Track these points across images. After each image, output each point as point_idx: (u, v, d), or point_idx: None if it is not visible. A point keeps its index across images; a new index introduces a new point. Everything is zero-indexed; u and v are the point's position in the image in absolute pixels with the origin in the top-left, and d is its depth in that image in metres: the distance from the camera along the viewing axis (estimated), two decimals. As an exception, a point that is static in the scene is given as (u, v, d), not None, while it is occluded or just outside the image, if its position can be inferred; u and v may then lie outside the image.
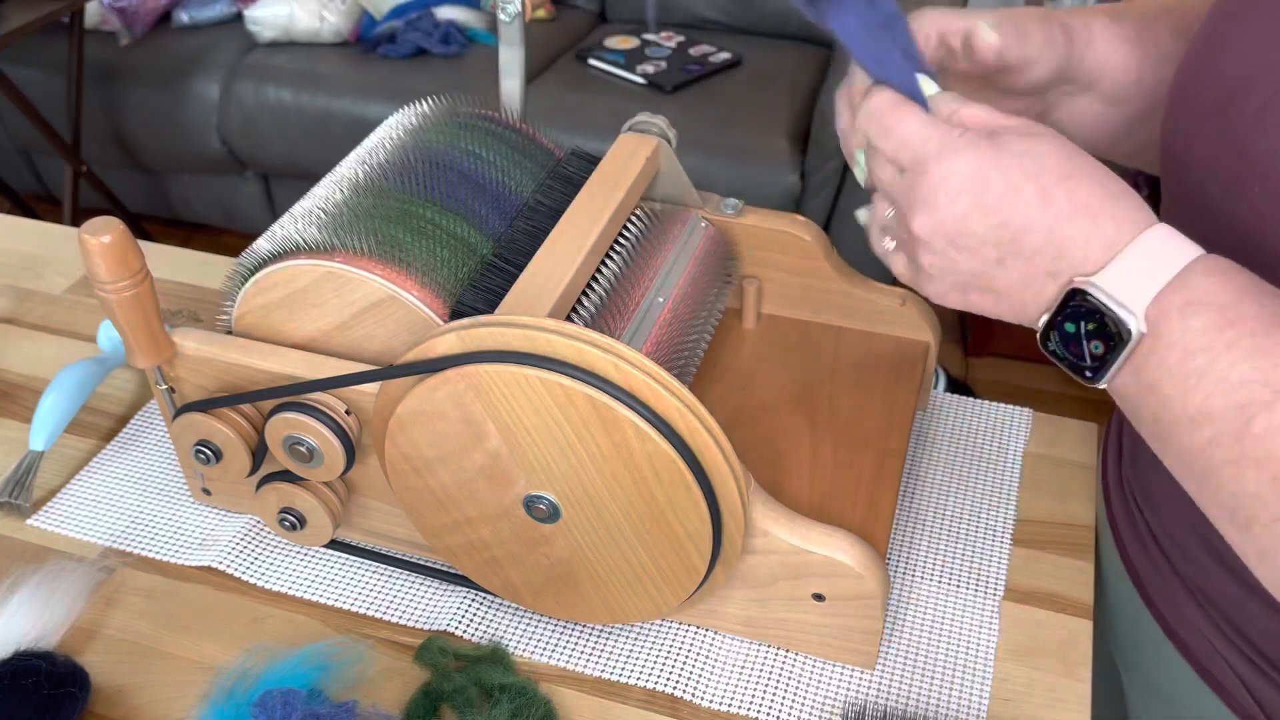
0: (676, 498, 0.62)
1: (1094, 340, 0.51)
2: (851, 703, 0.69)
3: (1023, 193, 0.51)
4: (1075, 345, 0.51)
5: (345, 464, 0.70)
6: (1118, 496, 0.78)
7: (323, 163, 2.31)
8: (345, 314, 0.71)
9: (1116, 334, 0.50)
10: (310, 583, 0.77)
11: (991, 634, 0.73)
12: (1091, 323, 0.50)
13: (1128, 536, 0.76)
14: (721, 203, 0.86)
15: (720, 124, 2.25)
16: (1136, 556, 0.74)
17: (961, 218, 0.52)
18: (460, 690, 0.68)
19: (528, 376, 0.60)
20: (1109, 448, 0.82)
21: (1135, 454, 0.75)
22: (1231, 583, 0.64)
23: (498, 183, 0.78)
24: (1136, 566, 0.75)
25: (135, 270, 0.67)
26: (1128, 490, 0.76)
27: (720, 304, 0.84)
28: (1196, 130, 0.58)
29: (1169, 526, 0.70)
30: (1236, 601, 0.64)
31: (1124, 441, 0.78)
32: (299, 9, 2.49)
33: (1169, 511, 0.70)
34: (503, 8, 0.82)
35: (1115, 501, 0.78)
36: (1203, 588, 0.67)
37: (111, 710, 0.69)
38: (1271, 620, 0.63)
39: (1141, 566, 0.74)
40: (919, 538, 0.80)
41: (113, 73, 2.53)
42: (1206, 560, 0.66)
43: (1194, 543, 0.67)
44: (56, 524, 0.81)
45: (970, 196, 0.52)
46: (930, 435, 0.88)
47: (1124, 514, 0.76)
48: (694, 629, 0.74)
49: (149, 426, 0.90)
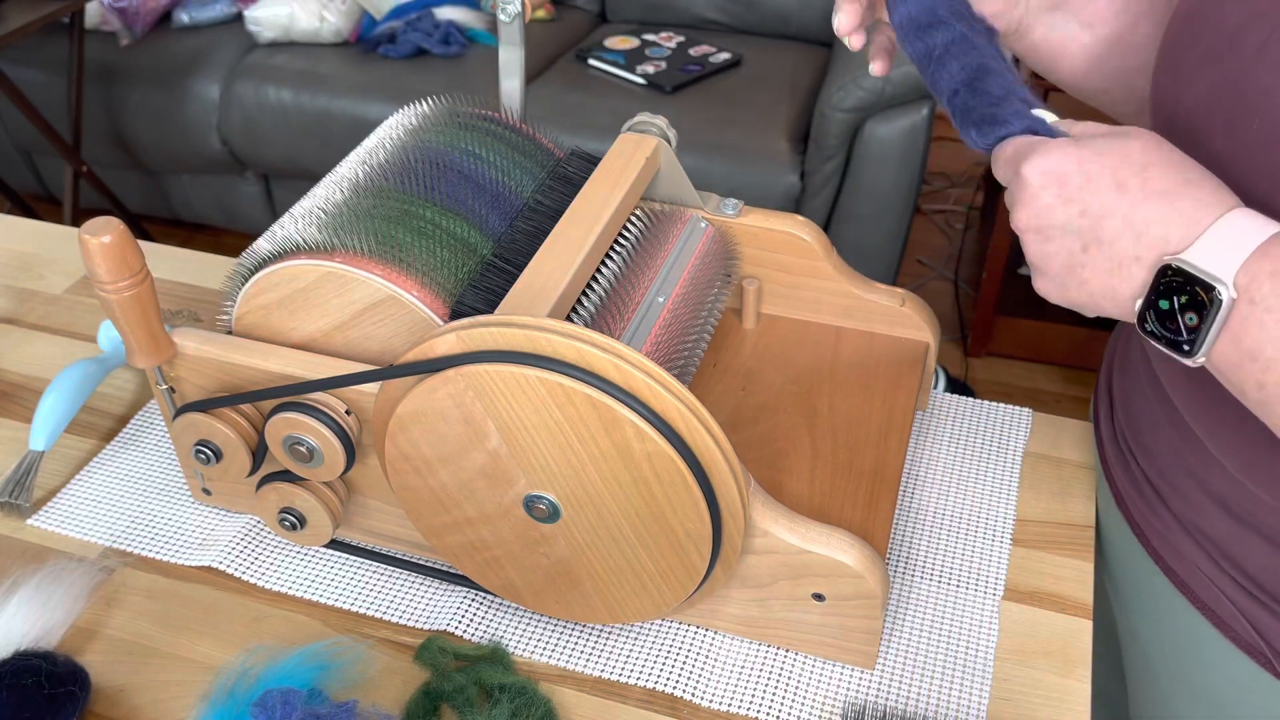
0: (676, 498, 0.62)
1: (1188, 312, 0.52)
2: (851, 703, 0.69)
3: (1098, 182, 0.53)
4: (1172, 321, 0.53)
5: (345, 464, 0.70)
6: (1111, 445, 0.79)
7: (323, 163, 2.33)
8: (345, 314, 0.71)
9: (1208, 302, 0.51)
10: (310, 583, 0.77)
11: (991, 634, 0.73)
12: (1184, 295, 0.52)
13: (1122, 483, 0.77)
14: (721, 203, 0.86)
15: (720, 124, 2.25)
16: (1132, 500, 0.76)
17: (1047, 209, 0.55)
18: (460, 690, 0.68)
19: (528, 376, 0.60)
20: (1099, 399, 0.83)
21: (1127, 403, 0.76)
22: (1228, 519, 0.66)
23: (498, 183, 0.78)
24: (1132, 510, 0.76)
25: (135, 270, 0.67)
26: (1120, 439, 0.77)
27: (720, 304, 0.84)
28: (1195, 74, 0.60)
29: (1164, 470, 0.71)
30: (1234, 537, 0.66)
31: (1114, 392, 0.79)
32: (299, 9, 2.49)
33: (1164, 457, 0.71)
34: (503, 8, 0.82)
35: (1109, 452, 0.79)
36: (1200, 526, 0.68)
37: (111, 710, 0.69)
38: (1270, 554, 0.64)
39: (1137, 510, 0.75)
40: (919, 538, 0.80)
41: (113, 73, 2.53)
42: (1202, 499, 0.67)
43: (1190, 484, 0.68)
44: (56, 524, 0.81)
45: (1053, 189, 0.55)
46: (930, 435, 0.88)
47: (1118, 462, 0.78)
48: (694, 629, 0.74)
49: (149, 426, 0.90)
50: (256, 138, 2.47)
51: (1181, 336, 0.53)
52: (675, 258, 0.80)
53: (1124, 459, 0.77)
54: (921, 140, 2.12)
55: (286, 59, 2.49)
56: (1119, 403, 0.78)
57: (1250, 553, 0.65)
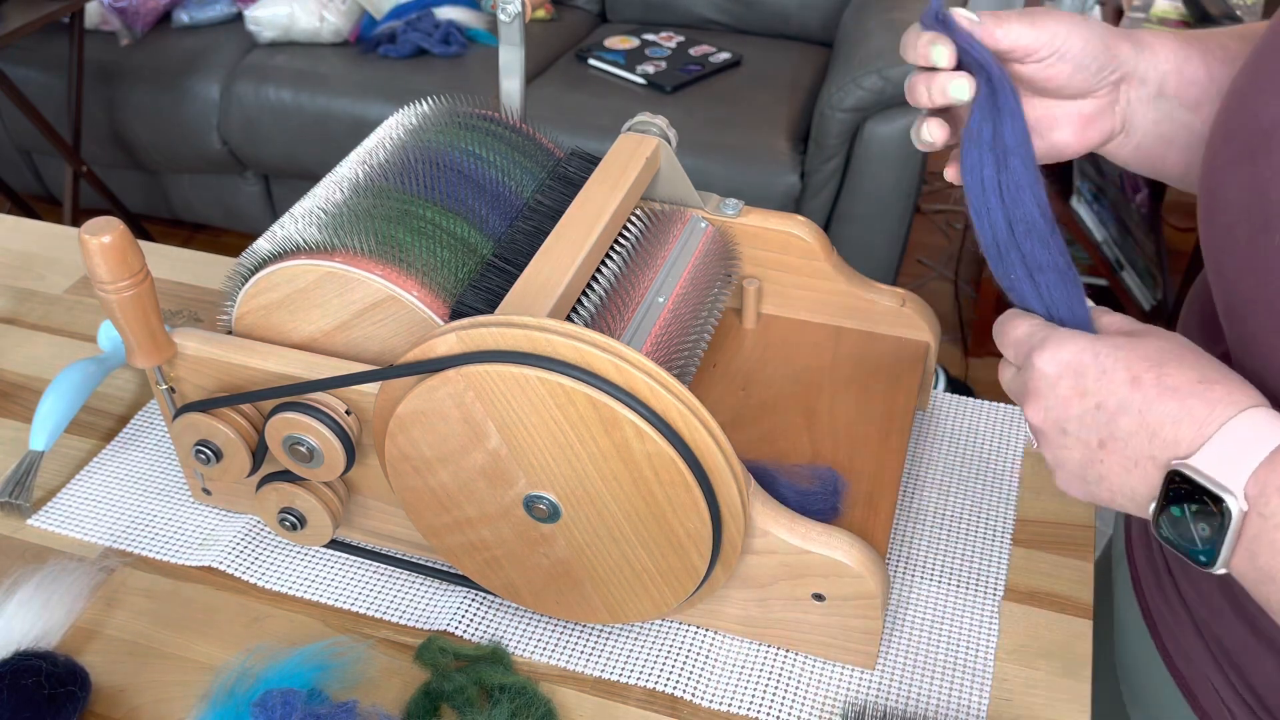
0: (676, 498, 0.62)
1: (1199, 523, 0.50)
2: (851, 703, 0.69)
3: (1114, 377, 0.52)
4: (1185, 530, 0.51)
5: (345, 464, 0.70)
6: (1137, 529, 0.77)
7: (323, 163, 2.33)
8: (345, 314, 0.71)
9: (1219, 514, 0.49)
10: (310, 583, 0.77)
11: (991, 634, 0.73)
12: (1194, 504, 0.49)
13: (1143, 569, 0.75)
14: (721, 203, 0.86)
15: (720, 124, 2.25)
16: (1149, 589, 0.74)
17: (1063, 403, 0.54)
18: (460, 690, 0.68)
19: (528, 376, 0.60)
20: None
21: None
22: (1241, 626, 0.63)
23: (498, 183, 0.78)
24: (1148, 600, 0.74)
25: (135, 270, 0.67)
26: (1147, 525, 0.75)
27: (720, 304, 0.84)
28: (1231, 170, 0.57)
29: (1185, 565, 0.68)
30: (1246, 648, 0.64)
31: None
32: (299, 9, 2.49)
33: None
34: (503, 8, 0.82)
35: (1134, 534, 0.77)
36: (1213, 630, 0.66)
37: (112, 710, 0.69)
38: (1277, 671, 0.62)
39: (1153, 601, 0.73)
40: (919, 538, 0.80)
41: (113, 73, 2.53)
42: (1222, 604, 0.65)
43: (1209, 585, 0.66)
44: (56, 524, 0.81)
45: (1068, 382, 0.53)
46: (930, 435, 0.88)
47: (1142, 547, 0.76)
48: (694, 629, 0.74)
49: (149, 426, 0.90)
50: (256, 138, 2.47)
51: (1196, 546, 0.50)
52: (675, 258, 0.80)
53: (1148, 545, 0.74)
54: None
55: (286, 59, 2.49)
56: None
57: (1259, 667, 0.63)
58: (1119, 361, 0.52)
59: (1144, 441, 0.51)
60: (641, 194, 0.81)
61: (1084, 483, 0.56)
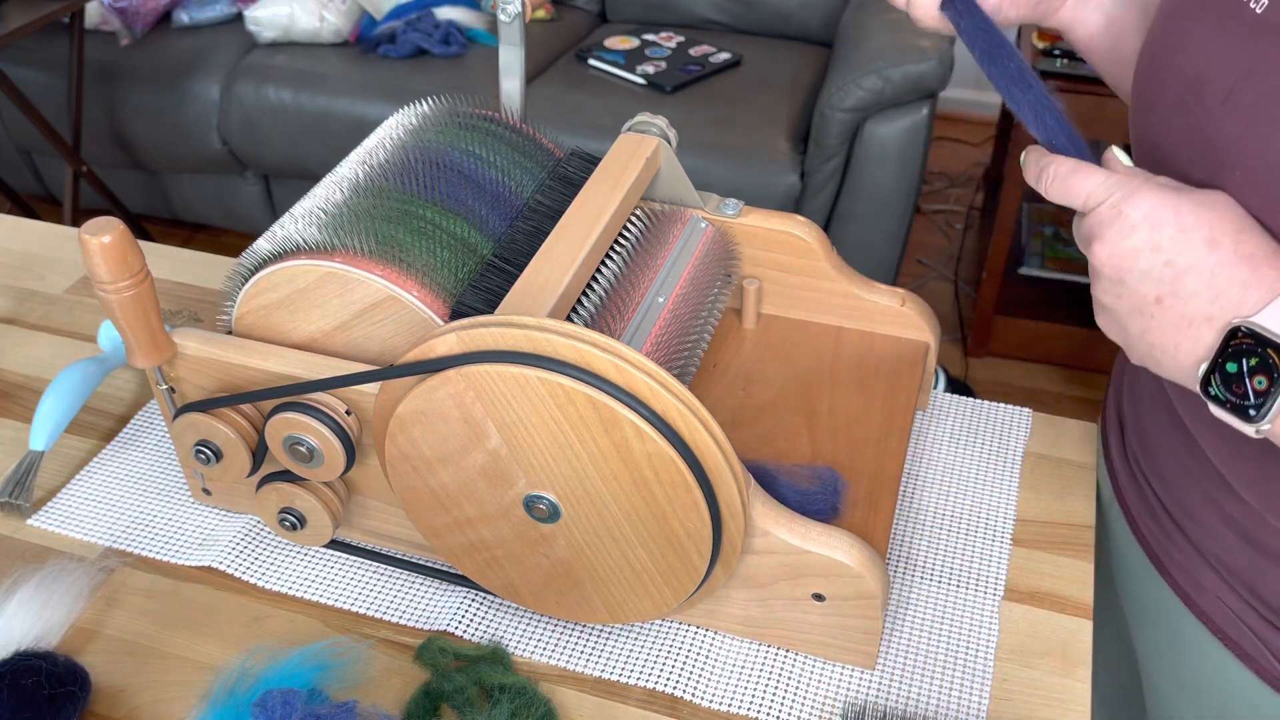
0: (676, 498, 0.62)
1: (1258, 375, 0.51)
2: (851, 703, 0.69)
3: (1192, 236, 0.53)
4: (1239, 385, 0.52)
5: (345, 464, 0.70)
6: (1124, 472, 0.78)
7: (323, 163, 2.33)
8: (345, 314, 0.71)
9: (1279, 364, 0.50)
10: (310, 583, 0.77)
11: (991, 634, 0.73)
12: (1254, 357, 0.51)
13: (1138, 510, 0.76)
14: (721, 203, 0.86)
15: (720, 124, 2.25)
16: (1148, 529, 0.75)
17: (1133, 252, 0.54)
18: (460, 690, 0.68)
19: (528, 377, 0.60)
20: (1109, 425, 0.82)
21: (1140, 429, 0.75)
22: (1247, 548, 0.65)
23: (498, 183, 0.78)
24: (1149, 539, 0.75)
25: (135, 270, 0.67)
26: (1134, 466, 0.76)
27: (720, 304, 0.84)
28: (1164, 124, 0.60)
29: (1181, 499, 0.71)
30: (1253, 566, 0.65)
31: (1125, 417, 0.79)
32: (299, 9, 2.49)
33: (1180, 484, 0.70)
34: (503, 8, 0.82)
35: (1122, 477, 0.79)
36: (1219, 555, 0.68)
37: (112, 710, 0.69)
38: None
39: (1154, 539, 0.74)
40: (919, 538, 0.80)
41: (113, 73, 2.53)
42: (1222, 529, 0.67)
43: (1209, 513, 0.68)
44: (56, 524, 0.81)
45: (1144, 233, 0.53)
46: (930, 435, 0.88)
47: (1132, 489, 0.77)
48: (694, 629, 0.74)
49: (149, 426, 0.90)
50: (256, 138, 2.47)
51: (1248, 400, 0.52)
52: (675, 258, 0.80)
53: (1138, 485, 0.76)
54: (921, 140, 2.12)
55: (286, 59, 2.49)
56: (1130, 427, 0.77)
57: (1269, 581, 0.65)
58: (1201, 220, 0.53)
59: (1205, 303, 0.52)
60: (641, 194, 0.81)
61: (1124, 332, 0.56)
